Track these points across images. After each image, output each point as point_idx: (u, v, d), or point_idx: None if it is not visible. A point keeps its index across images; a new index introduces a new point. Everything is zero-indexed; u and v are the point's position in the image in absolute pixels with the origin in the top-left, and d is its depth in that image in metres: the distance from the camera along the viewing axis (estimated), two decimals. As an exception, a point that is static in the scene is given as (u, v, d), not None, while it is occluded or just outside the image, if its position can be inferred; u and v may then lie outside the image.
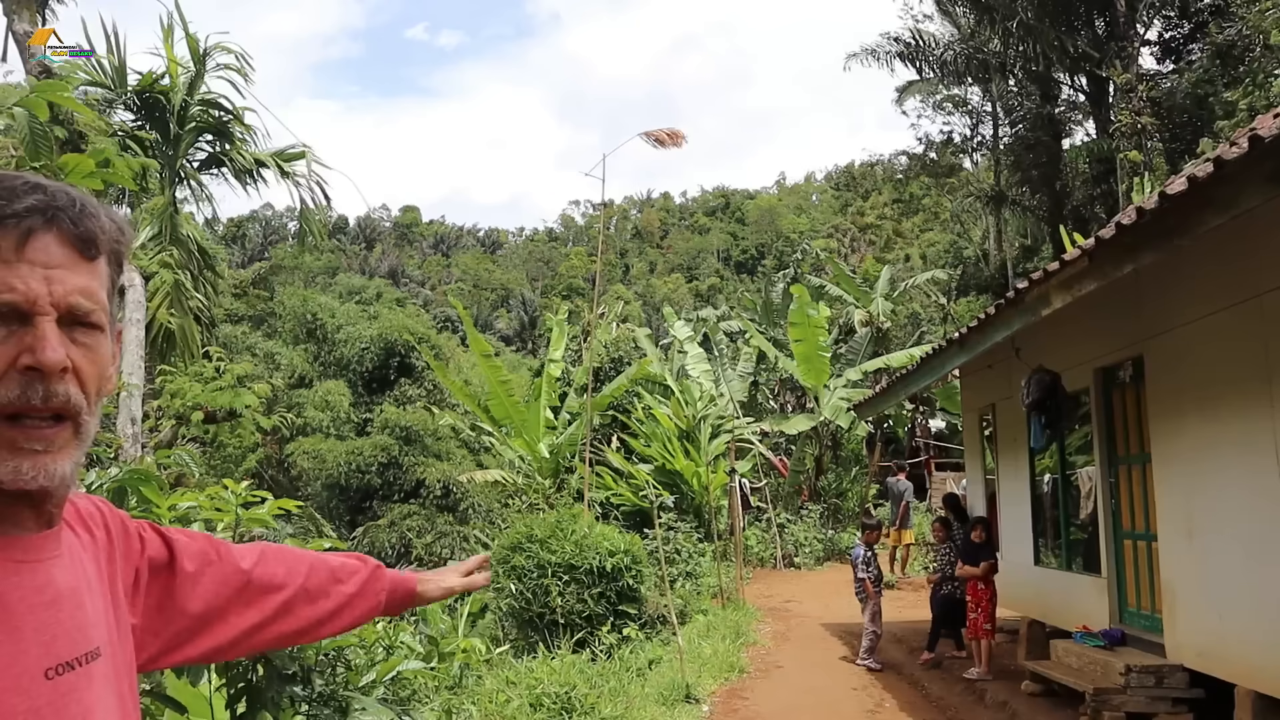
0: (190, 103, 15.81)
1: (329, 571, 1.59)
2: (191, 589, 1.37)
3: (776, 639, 11.96)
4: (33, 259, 1.03)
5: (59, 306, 1.03)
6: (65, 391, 1.04)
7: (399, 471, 27.24)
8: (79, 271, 1.06)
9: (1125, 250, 5.54)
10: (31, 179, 1.07)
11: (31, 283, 1.02)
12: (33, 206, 1.03)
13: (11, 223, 1.02)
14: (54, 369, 1.02)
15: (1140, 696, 7.01)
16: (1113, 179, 24.86)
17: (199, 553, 1.40)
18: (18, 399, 1.01)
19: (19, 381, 1.01)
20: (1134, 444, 8.12)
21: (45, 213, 1.04)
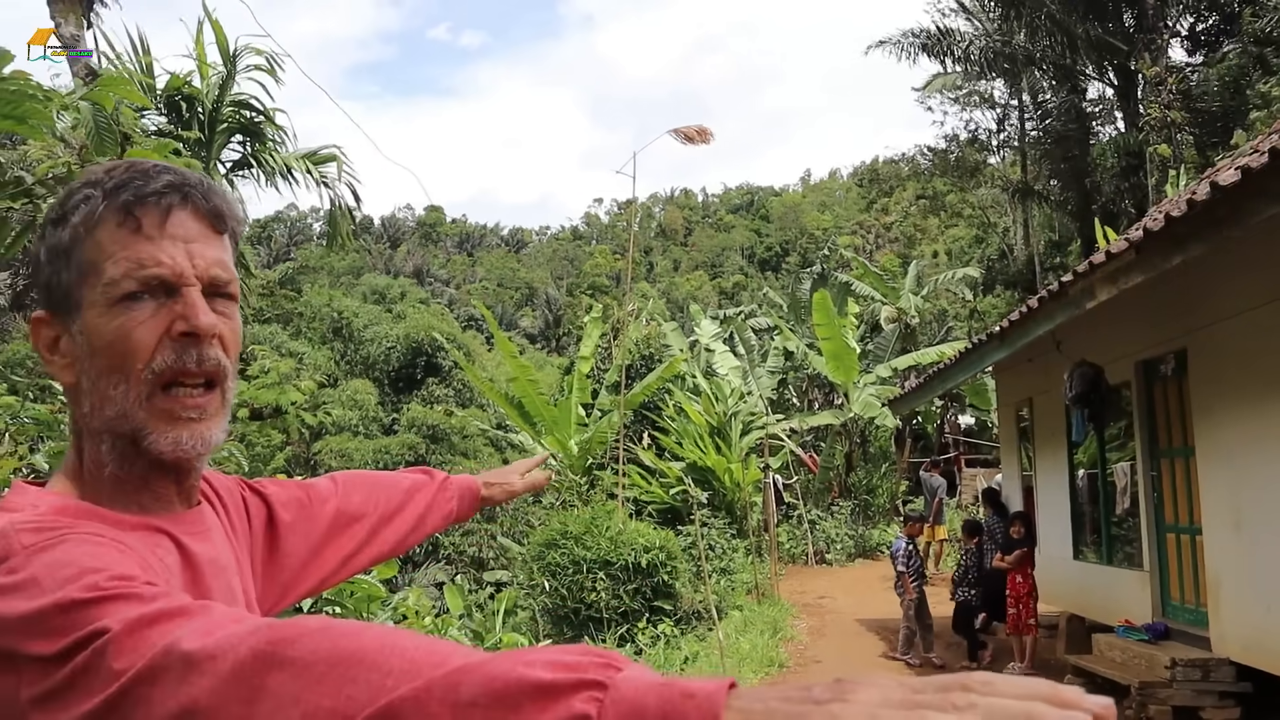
0: (222, 104, 15.96)
1: (402, 491, 1.62)
2: (291, 535, 1.41)
3: (813, 634, 11.97)
4: (174, 234, 1.06)
5: (201, 278, 1.07)
6: (216, 356, 1.08)
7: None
8: (213, 245, 1.10)
9: (1174, 242, 5.53)
10: (159, 162, 1.12)
11: (177, 256, 1.05)
12: (169, 184, 1.07)
13: (152, 200, 1.06)
14: (208, 332, 1.06)
15: (1186, 690, 6.99)
16: (1142, 173, 24.66)
17: (291, 500, 1.44)
18: (174, 363, 1.05)
19: (173, 348, 1.05)
20: (1176, 437, 8.09)
21: (180, 190, 1.08)
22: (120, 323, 1.04)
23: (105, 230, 1.05)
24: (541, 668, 0.65)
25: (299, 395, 8.61)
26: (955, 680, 0.59)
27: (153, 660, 0.75)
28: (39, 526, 0.93)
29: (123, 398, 1.05)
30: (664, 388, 19.19)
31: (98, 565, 0.87)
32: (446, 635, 6.24)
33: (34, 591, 0.85)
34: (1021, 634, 9.30)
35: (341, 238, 17.25)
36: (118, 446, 1.06)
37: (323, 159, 16.93)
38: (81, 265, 1.06)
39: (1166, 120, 22.94)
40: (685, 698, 0.61)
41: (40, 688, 0.81)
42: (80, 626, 0.80)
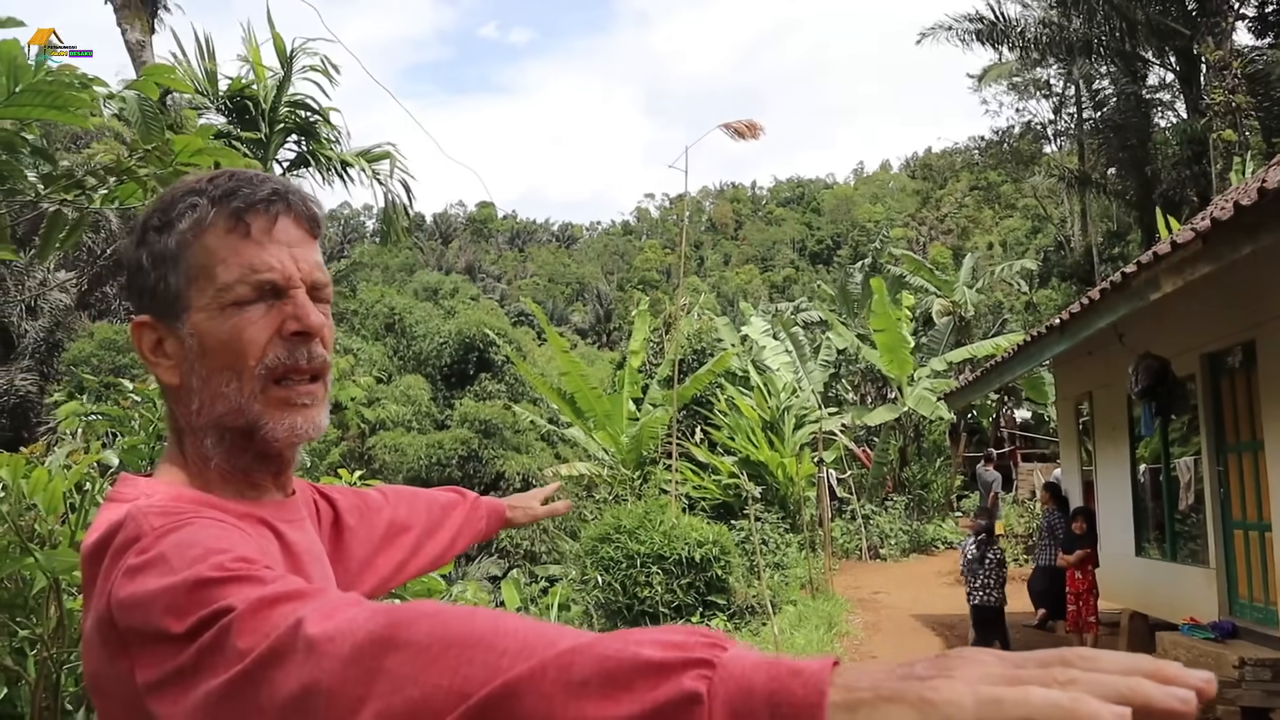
0: (279, 104, 16.23)
1: (440, 508, 1.69)
2: (354, 540, 1.48)
3: (868, 630, 11.89)
4: (280, 239, 1.11)
5: (306, 280, 1.12)
6: (321, 353, 1.14)
7: (479, 464, 27.65)
8: (312, 249, 1.15)
9: (1244, 231, 5.39)
10: (260, 172, 1.17)
11: (284, 260, 1.10)
12: (275, 192, 1.12)
13: (261, 207, 1.10)
14: (318, 331, 1.12)
15: (1256, 690, 6.82)
16: (1205, 160, 24.09)
17: (353, 507, 1.50)
18: (286, 359, 1.10)
19: (285, 346, 1.10)
20: (1244, 431, 7.89)
21: (285, 198, 1.12)
22: (234, 323, 1.09)
23: (214, 236, 1.10)
24: (651, 646, 0.66)
25: (358, 391, 8.73)
26: (1056, 655, 0.60)
27: (276, 642, 0.77)
28: (166, 510, 0.98)
29: (236, 393, 1.09)
30: (716, 383, 19.15)
31: (223, 546, 0.90)
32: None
33: (164, 569, 0.88)
34: (1082, 631, 9.16)
35: (396, 234, 17.44)
36: (225, 440, 1.11)
37: (377, 157, 17.14)
38: (191, 270, 1.10)
39: (1231, 105, 22.38)
40: (792, 675, 0.62)
41: (163, 669, 0.84)
42: (207, 604, 0.83)
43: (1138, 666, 0.58)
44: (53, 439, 6.09)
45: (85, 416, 5.08)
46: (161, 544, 0.92)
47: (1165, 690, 0.56)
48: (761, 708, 0.62)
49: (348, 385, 8.14)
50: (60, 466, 3.51)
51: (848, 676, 0.62)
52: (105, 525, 0.99)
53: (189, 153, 2.67)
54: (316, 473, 4.64)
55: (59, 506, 2.91)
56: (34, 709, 2.85)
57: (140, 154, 2.75)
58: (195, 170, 2.75)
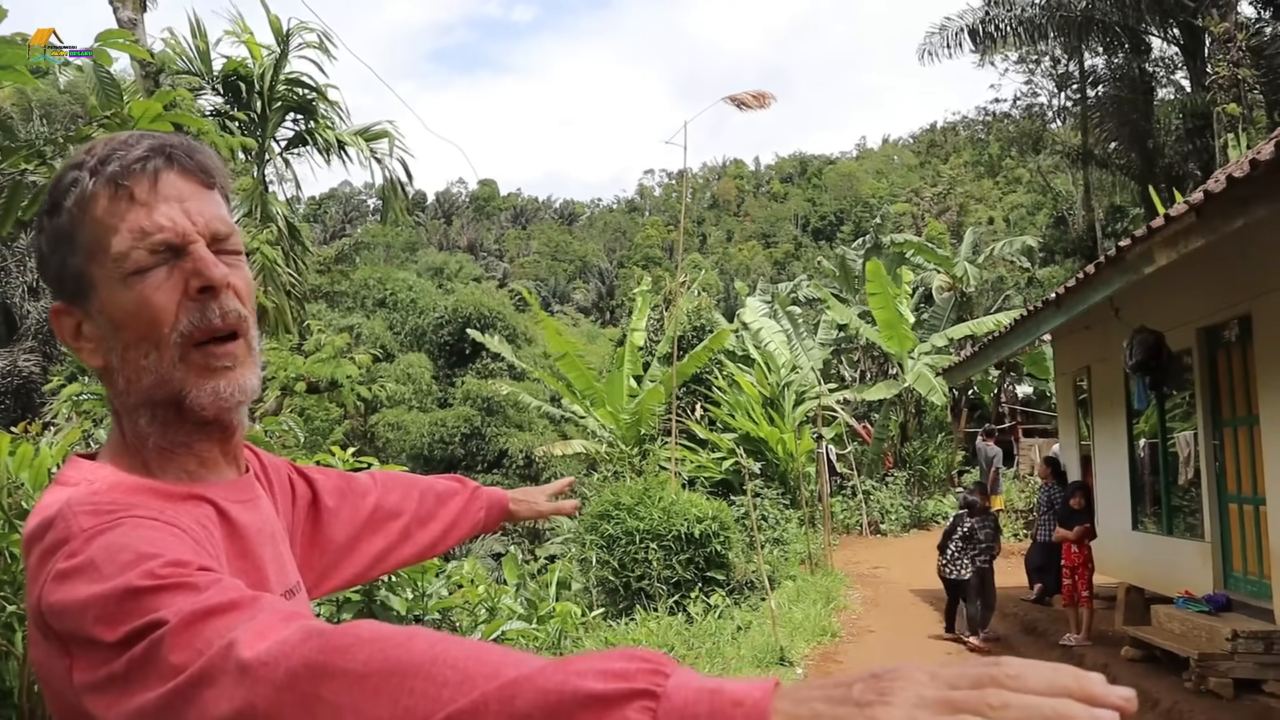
0: (276, 82, 16.15)
1: (435, 496, 1.65)
2: (334, 522, 1.44)
3: (866, 604, 11.94)
4: (167, 195, 1.07)
5: (204, 233, 1.08)
6: (235, 307, 1.09)
7: (481, 442, 27.74)
8: (208, 200, 1.10)
9: (1237, 204, 5.37)
10: (137, 131, 1.12)
11: (176, 216, 1.06)
12: (151, 149, 1.08)
13: (138, 167, 1.06)
14: (221, 283, 1.07)
15: (1248, 662, 6.86)
16: (1208, 134, 23.94)
17: (335, 488, 1.47)
18: (200, 322, 1.06)
19: (195, 307, 1.06)
20: (1240, 405, 7.89)
21: (163, 152, 1.08)
22: (138, 292, 1.05)
23: (99, 206, 1.06)
24: (593, 678, 0.66)
25: (354, 369, 8.75)
26: (986, 674, 0.61)
27: (208, 663, 0.77)
28: (96, 508, 0.95)
29: (156, 364, 1.06)
30: (716, 360, 19.15)
31: (153, 550, 0.88)
32: (500, 604, 6.34)
33: (93, 576, 0.86)
34: (1077, 605, 9.18)
35: (395, 213, 17.43)
36: (158, 415, 1.08)
37: (375, 135, 17.07)
38: (86, 247, 1.06)
39: (1235, 78, 22.21)
40: (734, 705, 0.63)
41: (96, 674, 0.84)
42: (138, 615, 0.82)
43: (1063, 686, 0.59)
44: (50, 419, 6.12)
45: (77, 397, 5.11)
46: (90, 548, 0.89)
47: (1091, 713, 0.58)
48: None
49: (344, 363, 8.15)
50: (51, 445, 3.53)
51: (788, 704, 0.62)
52: (40, 516, 0.97)
53: (148, 118, 2.66)
54: (319, 451, 4.68)
55: (45, 481, 2.93)
56: (22, 684, 2.88)
57: (99, 121, 2.74)
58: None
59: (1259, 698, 6.70)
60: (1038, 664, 0.62)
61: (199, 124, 8.23)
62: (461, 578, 6.14)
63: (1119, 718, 0.59)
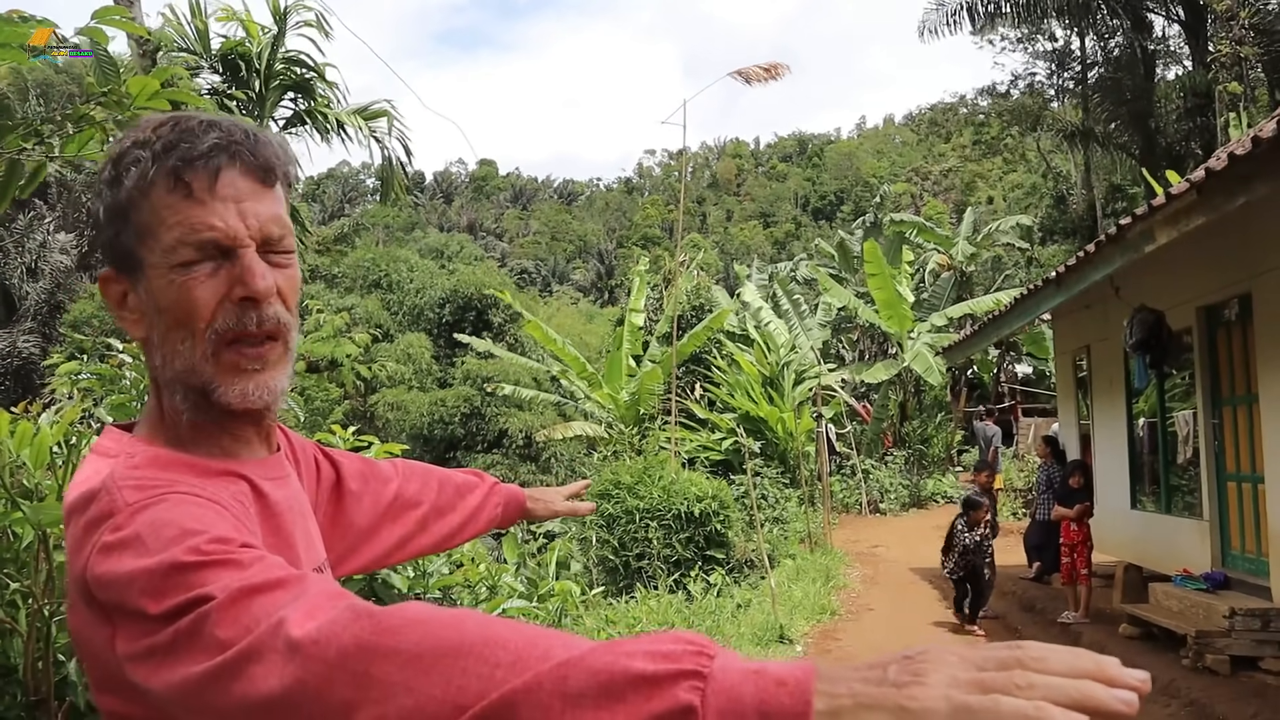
0: (274, 61, 16.06)
1: (454, 488, 1.65)
2: (356, 506, 1.45)
3: (866, 583, 11.99)
4: (224, 195, 1.06)
5: (255, 237, 1.07)
6: (275, 314, 1.09)
7: (481, 422, 27.72)
8: (265, 200, 1.10)
9: (1238, 181, 5.35)
10: (205, 117, 1.11)
11: (229, 218, 1.05)
12: (216, 144, 1.06)
13: (200, 163, 1.05)
14: (265, 297, 1.07)
15: (1245, 640, 6.89)
16: (1210, 113, 23.85)
17: (358, 472, 1.48)
18: (235, 325, 1.07)
19: (234, 311, 1.07)
20: (1240, 384, 7.90)
21: (227, 149, 1.07)
22: (182, 284, 1.06)
23: (157, 194, 1.06)
24: (642, 659, 0.69)
25: (354, 348, 8.75)
26: (1012, 657, 0.66)
27: (257, 639, 0.79)
28: (140, 483, 0.97)
29: (189, 353, 1.07)
30: (715, 339, 19.15)
31: (198, 527, 0.90)
32: (500, 582, 6.36)
33: (139, 550, 0.88)
34: (1075, 584, 9.21)
35: (394, 192, 17.36)
36: (190, 397, 1.09)
37: (374, 114, 16.99)
38: (139, 228, 1.07)
39: (1238, 56, 22.09)
40: (778, 685, 0.67)
41: (140, 644, 0.86)
42: (184, 589, 0.84)
43: (1083, 669, 0.64)
44: (50, 399, 6.12)
45: (77, 376, 5.10)
46: (136, 522, 0.91)
47: (1111, 693, 0.63)
48: (752, 717, 0.66)
49: (344, 342, 8.11)
50: (51, 424, 3.53)
51: (828, 684, 0.66)
52: (83, 488, 0.99)
53: (145, 96, 2.64)
54: (319, 431, 4.70)
55: (45, 460, 2.93)
56: (26, 661, 2.89)
57: (96, 99, 2.73)
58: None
59: (1255, 674, 6.74)
60: (1058, 648, 0.66)
61: (197, 103, 8.17)
62: (462, 556, 6.15)
63: (1136, 698, 0.63)
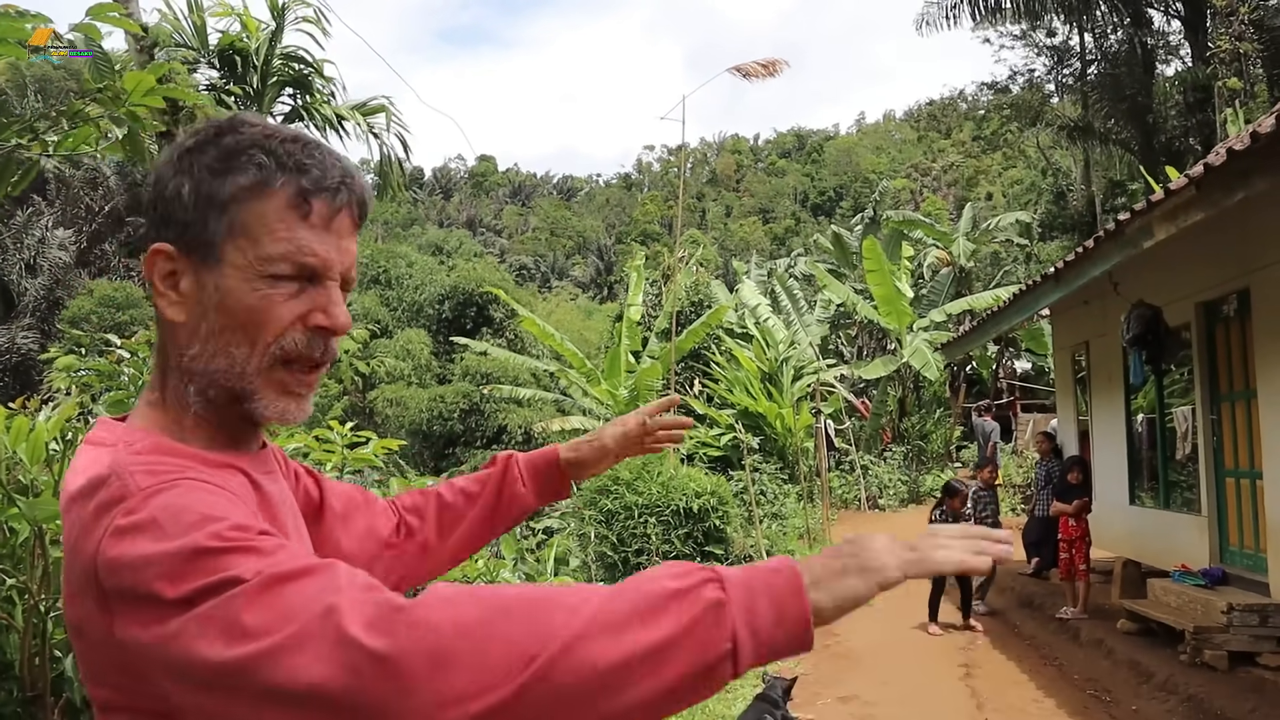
0: (272, 57, 16.05)
1: (453, 515, 1.52)
2: (342, 527, 1.39)
3: (863, 579, 11.97)
4: (336, 228, 1.09)
5: (343, 274, 1.10)
6: (335, 347, 1.12)
7: (480, 418, 27.70)
8: (354, 241, 1.13)
9: (1237, 177, 5.34)
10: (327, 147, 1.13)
11: (331, 251, 1.08)
12: (343, 180, 1.09)
13: (327, 195, 1.07)
14: (343, 332, 1.10)
15: (1243, 635, 6.89)
16: (1209, 108, 23.83)
17: (345, 495, 1.43)
18: (304, 349, 1.08)
19: (304, 335, 1.08)
20: (1238, 380, 7.90)
21: (350, 189, 1.10)
22: (264, 295, 1.06)
23: (274, 205, 1.06)
24: (667, 579, 0.87)
25: (351, 343, 8.73)
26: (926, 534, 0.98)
27: (304, 629, 0.81)
28: (151, 468, 0.96)
29: (243, 360, 1.07)
30: (714, 335, 19.13)
31: (215, 513, 0.90)
32: (499, 579, 6.36)
33: (157, 534, 0.88)
34: (1074, 579, 9.21)
35: (392, 188, 17.35)
36: (210, 394, 1.08)
37: (372, 110, 16.99)
38: (236, 227, 1.06)
39: (1237, 52, 22.07)
40: (773, 573, 0.89)
41: (155, 630, 0.85)
42: (207, 573, 0.84)
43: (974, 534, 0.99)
44: (48, 394, 6.11)
45: (75, 372, 5.09)
46: (150, 506, 0.91)
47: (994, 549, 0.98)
48: (762, 599, 0.86)
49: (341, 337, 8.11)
50: (48, 420, 3.53)
51: (805, 566, 0.90)
52: (87, 475, 0.97)
53: (141, 92, 2.63)
54: (317, 427, 4.68)
55: (41, 455, 2.93)
56: (23, 656, 2.89)
57: (91, 95, 2.72)
58: (148, 111, 2.71)
59: (1253, 670, 6.74)
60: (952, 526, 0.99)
61: (195, 99, 8.12)
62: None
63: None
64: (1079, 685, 7.32)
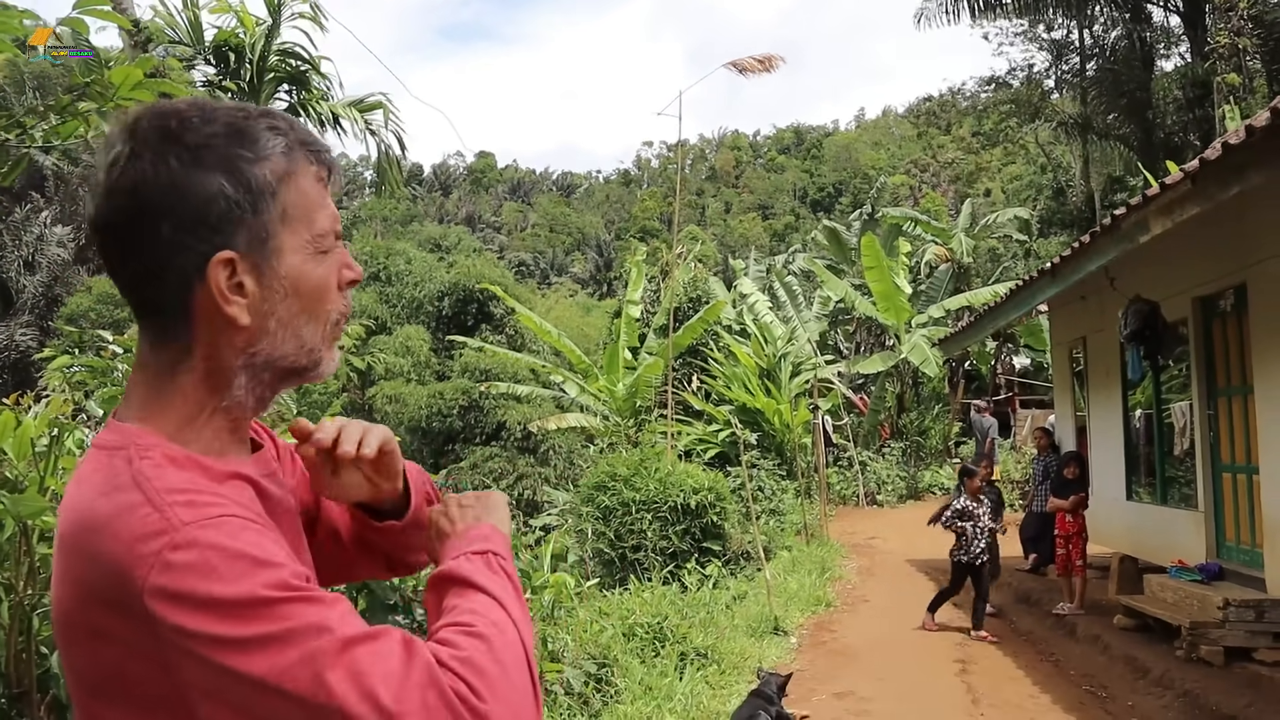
0: (269, 53, 16.02)
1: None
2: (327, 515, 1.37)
3: (862, 574, 11.99)
4: (333, 190, 1.14)
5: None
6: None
7: (480, 414, 27.68)
8: None
9: (1233, 171, 5.33)
10: (305, 124, 1.19)
11: (336, 213, 1.13)
12: (325, 149, 1.14)
13: (329, 158, 1.13)
14: (361, 278, 1.16)
15: (1239, 631, 6.89)
16: (1208, 104, 23.79)
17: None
18: (345, 308, 1.15)
19: (342, 295, 1.14)
20: (1235, 375, 7.89)
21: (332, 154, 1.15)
22: (324, 270, 1.10)
23: (305, 180, 1.09)
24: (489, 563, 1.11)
25: (346, 339, 8.67)
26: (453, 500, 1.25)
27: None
28: (190, 500, 0.95)
29: (313, 335, 1.10)
30: (712, 331, 19.12)
31: (264, 557, 0.93)
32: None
33: (212, 576, 0.90)
34: (1070, 575, 9.21)
35: (390, 185, 17.34)
36: (263, 378, 1.09)
37: (369, 107, 16.96)
38: (286, 209, 1.06)
39: (1236, 47, 22.04)
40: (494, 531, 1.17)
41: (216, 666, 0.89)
42: (272, 621, 0.89)
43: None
44: (41, 391, 6.09)
45: (68, 369, 5.08)
46: (200, 545, 0.91)
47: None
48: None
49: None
50: (36, 416, 3.51)
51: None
52: (112, 493, 0.95)
53: (129, 85, 2.62)
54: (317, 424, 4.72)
55: (28, 452, 2.91)
56: (9, 653, 2.87)
57: (78, 90, 2.70)
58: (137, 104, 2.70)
59: (1249, 665, 6.74)
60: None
61: (179, 89, 8.14)
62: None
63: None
64: (1075, 681, 7.31)
